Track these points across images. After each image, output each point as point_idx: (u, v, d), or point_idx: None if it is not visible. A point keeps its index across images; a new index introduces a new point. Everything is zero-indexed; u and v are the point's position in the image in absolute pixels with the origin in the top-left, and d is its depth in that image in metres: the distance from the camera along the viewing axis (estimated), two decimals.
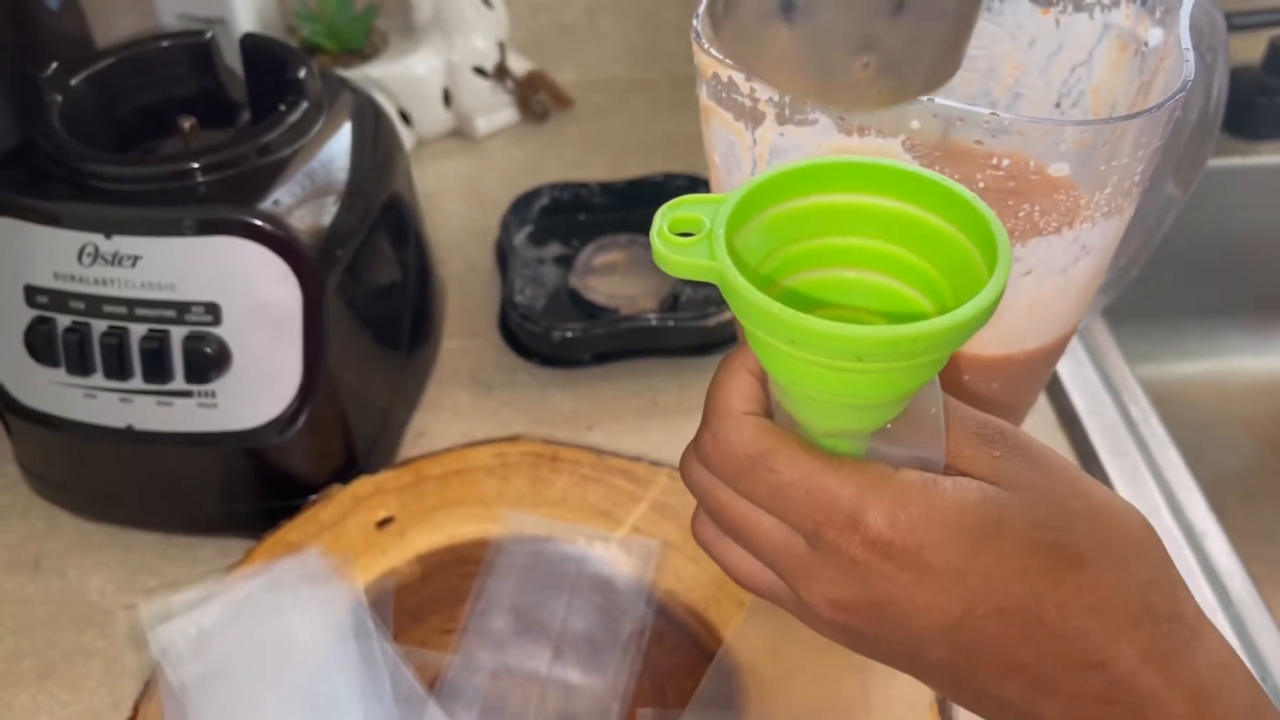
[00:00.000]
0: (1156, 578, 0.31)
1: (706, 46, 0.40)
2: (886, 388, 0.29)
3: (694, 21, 0.41)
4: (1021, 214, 0.39)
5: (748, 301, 0.27)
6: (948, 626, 0.30)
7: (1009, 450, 0.31)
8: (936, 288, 0.30)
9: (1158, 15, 0.46)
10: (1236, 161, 0.87)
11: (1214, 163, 0.57)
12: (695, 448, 0.32)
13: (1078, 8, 0.48)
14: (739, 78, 0.40)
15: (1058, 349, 0.47)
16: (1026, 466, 0.31)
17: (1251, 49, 0.90)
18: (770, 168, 0.32)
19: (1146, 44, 0.46)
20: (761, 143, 0.42)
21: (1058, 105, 0.50)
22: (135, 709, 0.50)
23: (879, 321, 0.31)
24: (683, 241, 0.29)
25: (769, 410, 0.32)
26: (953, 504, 0.30)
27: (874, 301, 0.32)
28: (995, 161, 0.38)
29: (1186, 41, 0.40)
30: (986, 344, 0.45)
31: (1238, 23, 0.80)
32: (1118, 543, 0.31)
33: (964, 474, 0.31)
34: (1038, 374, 0.50)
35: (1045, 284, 0.42)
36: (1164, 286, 0.89)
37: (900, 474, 0.30)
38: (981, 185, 0.38)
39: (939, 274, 0.30)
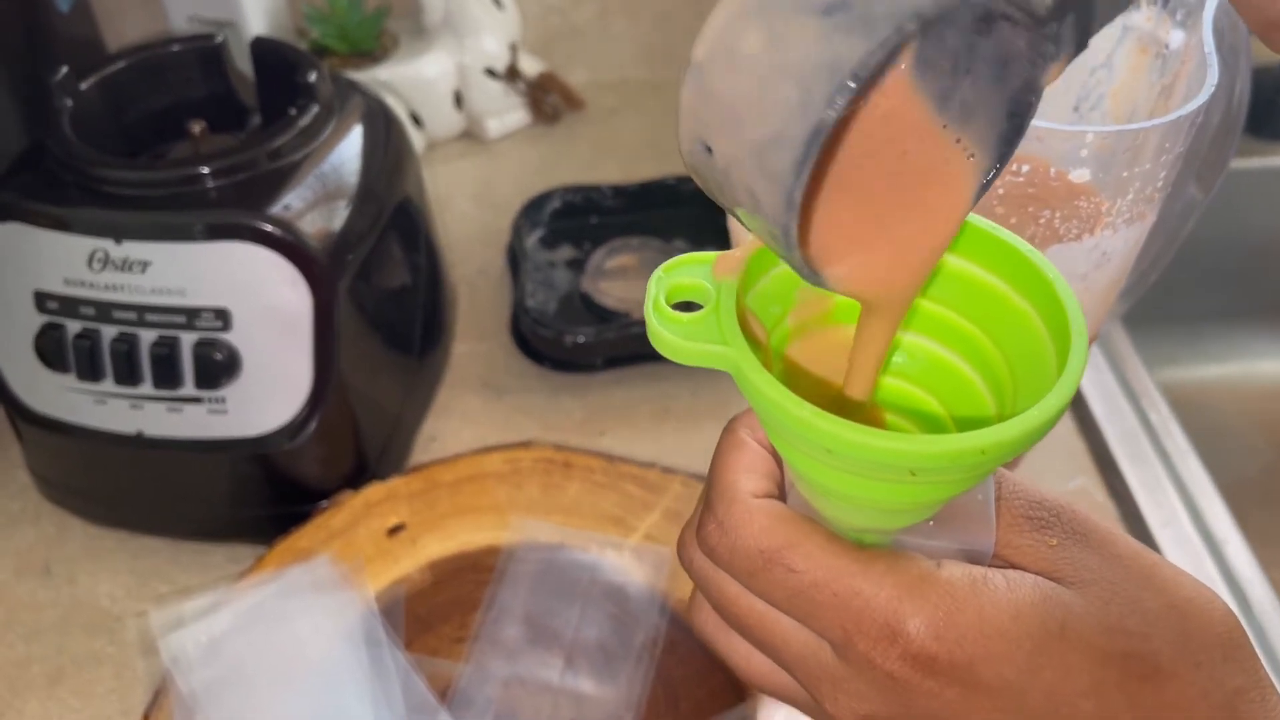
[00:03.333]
0: (1245, 685, 0.26)
1: None
2: (935, 494, 0.25)
3: None
4: (1042, 220, 0.39)
5: (769, 403, 0.23)
6: None
7: (1067, 537, 0.27)
8: (987, 360, 0.26)
9: (1179, 17, 0.45)
10: (1256, 163, 0.86)
11: (1234, 164, 0.56)
12: (698, 535, 0.28)
13: None
14: None
15: None
16: (1090, 556, 0.27)
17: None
18: None
19: (1167, 46, 0.46)
20: None
21: (1076, 109, 0.49)
22: (145, 716, 0.50)
23: (920, 396, 0.27)
24: (686, 320, 0.24)
25: (783, 489, 0.28)
26: (1008, 607, 0.25)
27: (914, 368, 0.27)
28: (1014, 167, 0.37)
29: (1210, 45, 0.39)
30: None
31: None
32: (1201, 645, 0.26)
33: (1015, 567, 0.27)
34: None
35: None
36: (1183, 289, 0.88)
37: (944, 571, 0.25)
38: (1001, 191, 0.38)
39: (994, 346, 0.26)
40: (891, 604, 0.25)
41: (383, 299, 0.61)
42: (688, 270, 0.25)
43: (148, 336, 0.54)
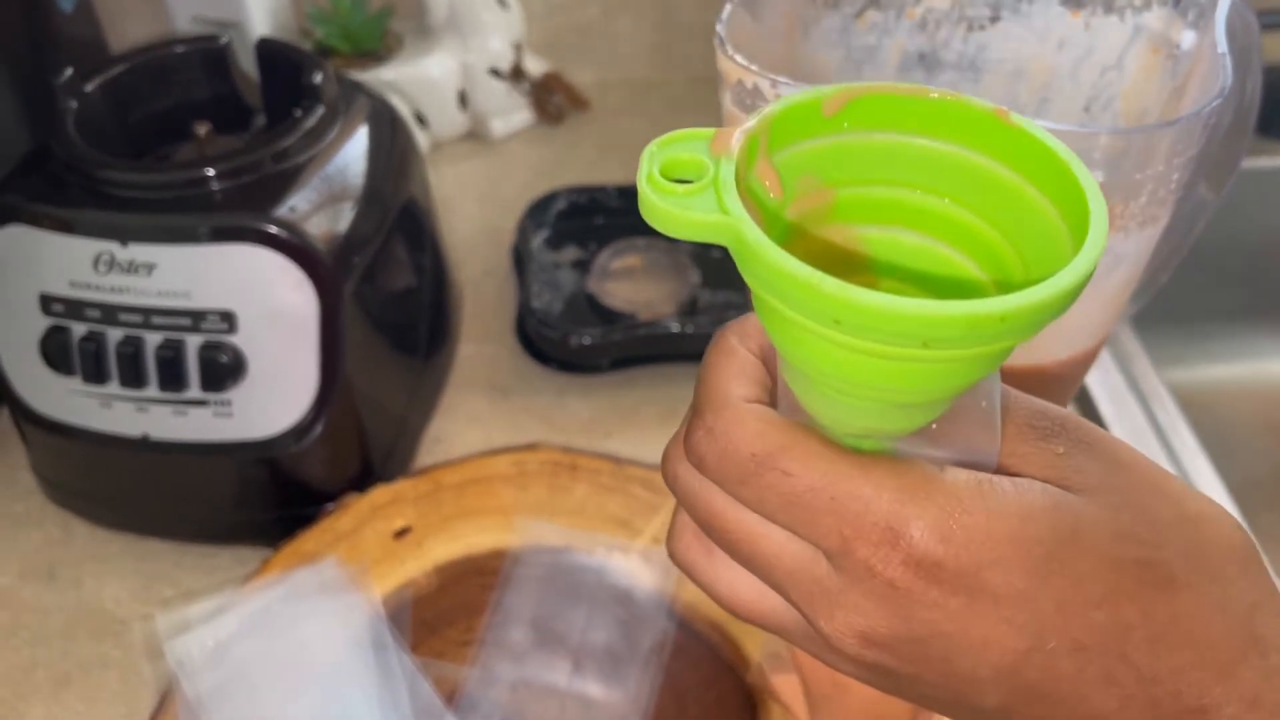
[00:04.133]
0: (1261, 600, 0.25)
1: (730, 53, 0.39)
2: (945, 381, 0.23)
3: (718, 27, 0.40)
4: None
5: (773, 269, 0.21)
6: (1008, 667, 0.24)
7: (1074, 445, 0.25)
8: (998, 257, 0.24)
9: (1190, 18, 0.45)
10: (1265, 162, 0.86)
11: (1244, 163, 0.56)
12: (686, 444, 0.26)
13: (1108, 10, 0.47)
14: (764, 85, 0.39)
15: (1088, 359, 0.46)
16: (1098, 464, 0.25)
17: None
18: (796, 92, 0.24)
19: (1179, 47, 0.45)
20: None
21: (1087, 110, 0.49)
22: None
23: (921, 295, 0.24)
24: (680, 190, 0.22)
25: (775, 399, 0.26)
26: (1017, 511, 0.24)
27: (916, 269, 0.25)
28: None
29: (1223, 46, 0.39)
30: (1016, 355, 0.44)
31: (1269, 21, 0.79)
32: (1215, 558, 0.25)
33: (1020, 475, 0.25)
34: (1068, 385, 0.49)
35: None
36: (1191, 290, 0.87)
37: (948, 475, 0.24)
38: None
39: (1006, 241, 0.24)
40: (894, 506, 0.23)
41: (388, 301, 0.61)
42: (684, 145, 0.23)
43: (153, 339, 0.53)
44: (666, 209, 0.22)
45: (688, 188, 0.22)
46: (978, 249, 0.25)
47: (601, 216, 0.80)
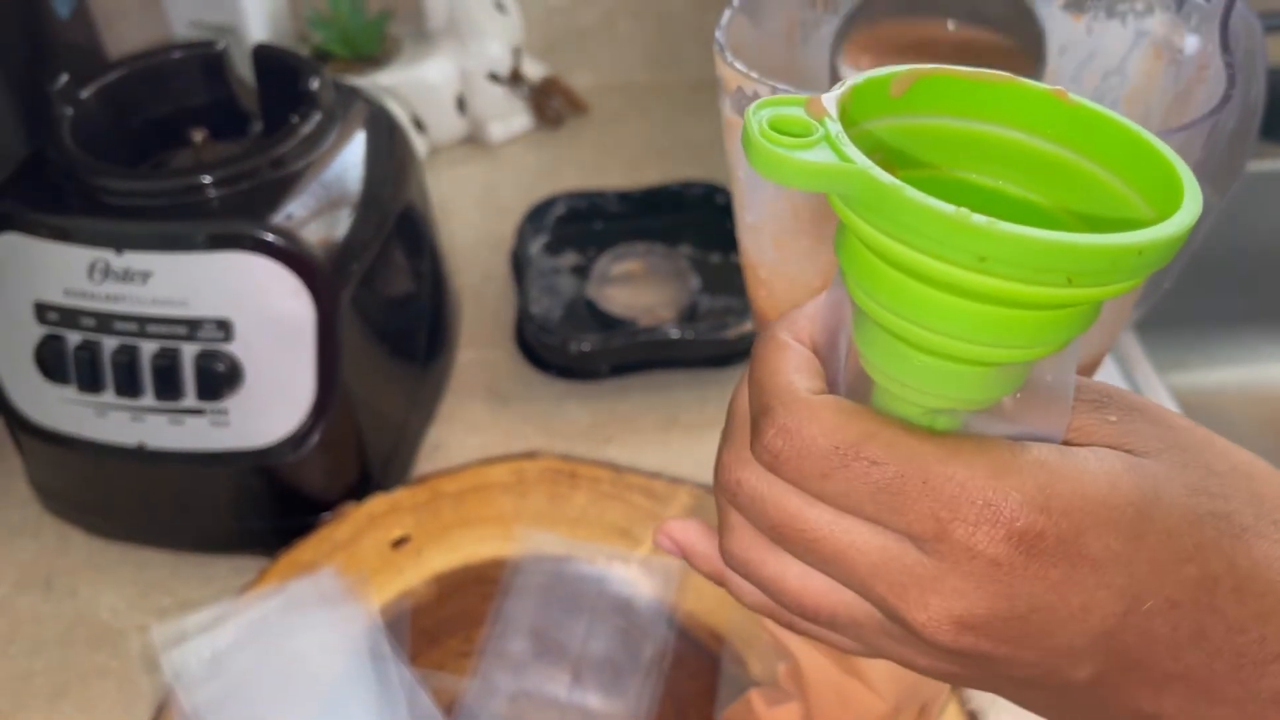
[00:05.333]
0: None
1: (730, 59, 0.39)
2: (1051, 332, 0.23)
3: (717, 34, 0.40)
4: None
5: (913, 208, 0.21)
6: (1107, 632, 0.24)
7: (1125, 413, 0.26)
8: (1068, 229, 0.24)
9: (1193, 22, 0.44)
10: (1269, 165, 0.86)
11: (1249, 167, 0.56)
12: (756, 447, 0.25)
13: (1110, 14, 0.47)
14: (764, 91, 0.39)
15: (1094, 366, 0.46)
16: (1152, 428, 0.26)
17: None
18: (870, 71, 0.25)
19: (1182, 52, 0.45)
20: None
21: None
22: None
23: None
24: (792, 142, 0.22)
25: (834, 391, 0.26)
26: (1104, 476, 0.24)
27: None
28: None
29: (1227, 51, 0.39)
30: None
31: (1272, 24, 0.78)
32: (1275, 505, 0.25)
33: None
34: None
35: None
36: (1193, 293, 0.87)
37: (1031, 449, 0.24)
38: None
39: (1074, 218, 0.25)
40: (990, 482, 0.23)
41: (386, 308, 0.61)
42: (784, 107, 0.23)
43: (149, 348, 0.53)
44: (783, 156, 0.22)
45: (800, 140, 0.23)
46: (1046, 224, 0.24)
47: (601, 221, 0.79)
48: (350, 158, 0.59)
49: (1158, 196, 0.23)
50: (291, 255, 0.52)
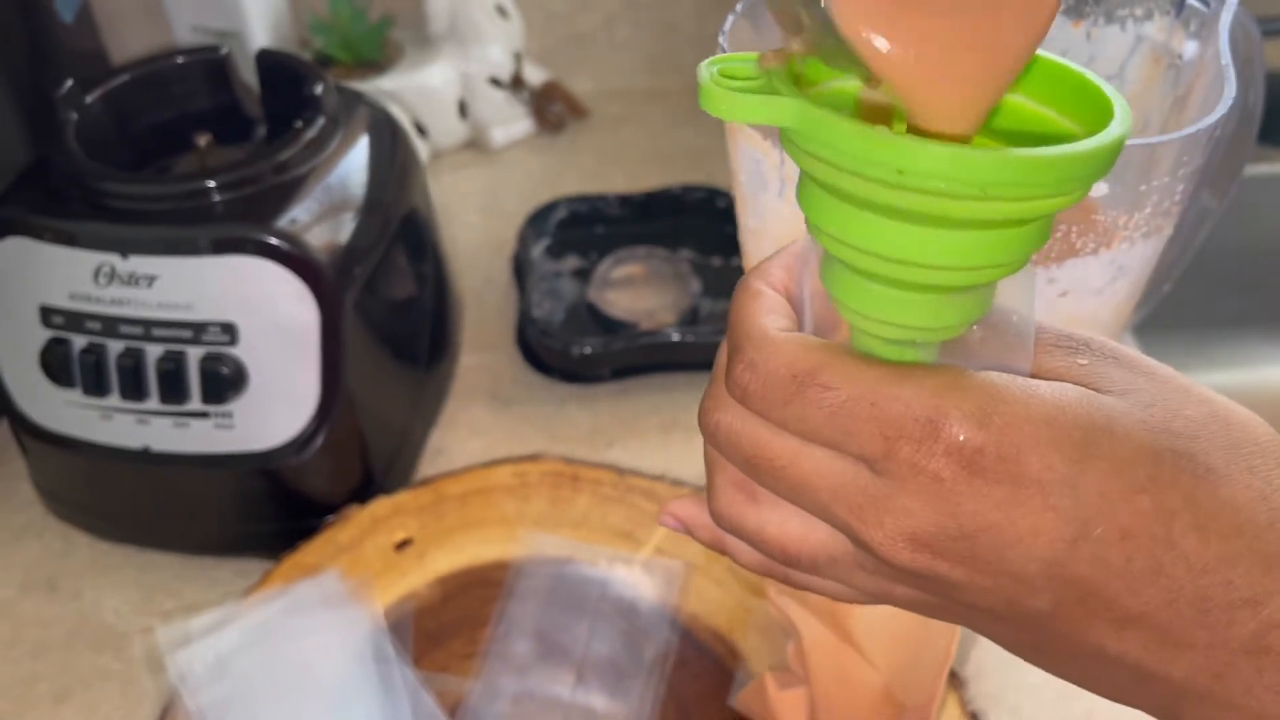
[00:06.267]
0: None
1: None
2: (994, 252, 0.24)
3: (720, 38, 0.40)
4: (1058, 234, 0.38)
5: (836, 129, 0.22)
6: (1055, 558, 0.24)
7: (1099, 358, 0.26)
8: None
9: (1192, 28, 0.45)
10: (1267, 169, 0.86)
11: (1247, 170, 0.56)
12: (728, 382, 0.27)
13: (1109, 20, 0.47)
14: None
15: None
16: (1124, 372, 0.26)
17: None
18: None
19: (1181, 57, 0.45)
20: (789, 161, 0.41)
21: None
22: None
23: None
24: (738, 84, 0.24)
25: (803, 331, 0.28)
26: (1053, 401, 0.24)
27: None
28: None
29: (1227, 57, 0.39)
30: None
31: (1270, 29, 0.79)
32: (1251, 454, 0.25)
33: None
34: None
35: (1082, 305, 0.41)
36: (1192, 296, 0.87)
37: (983, 374, 0.25)
38: None
39: None
40: (933, 400, 0.24)
41: (390, 311, 0.61)
42: (735, 61, 0.25)
43: (154, 351, 0.53)
44: (728, 96, 0.24)
45: (743, 83, 0.25)
46: None
47: (602, 225, 0.80)
48: (354, 162, 0.59)
49: (1096, 128, 0.24)
50: (296, 259, 0.53)
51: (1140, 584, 0.24)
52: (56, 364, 0.54)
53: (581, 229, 0.79)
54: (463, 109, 0.90)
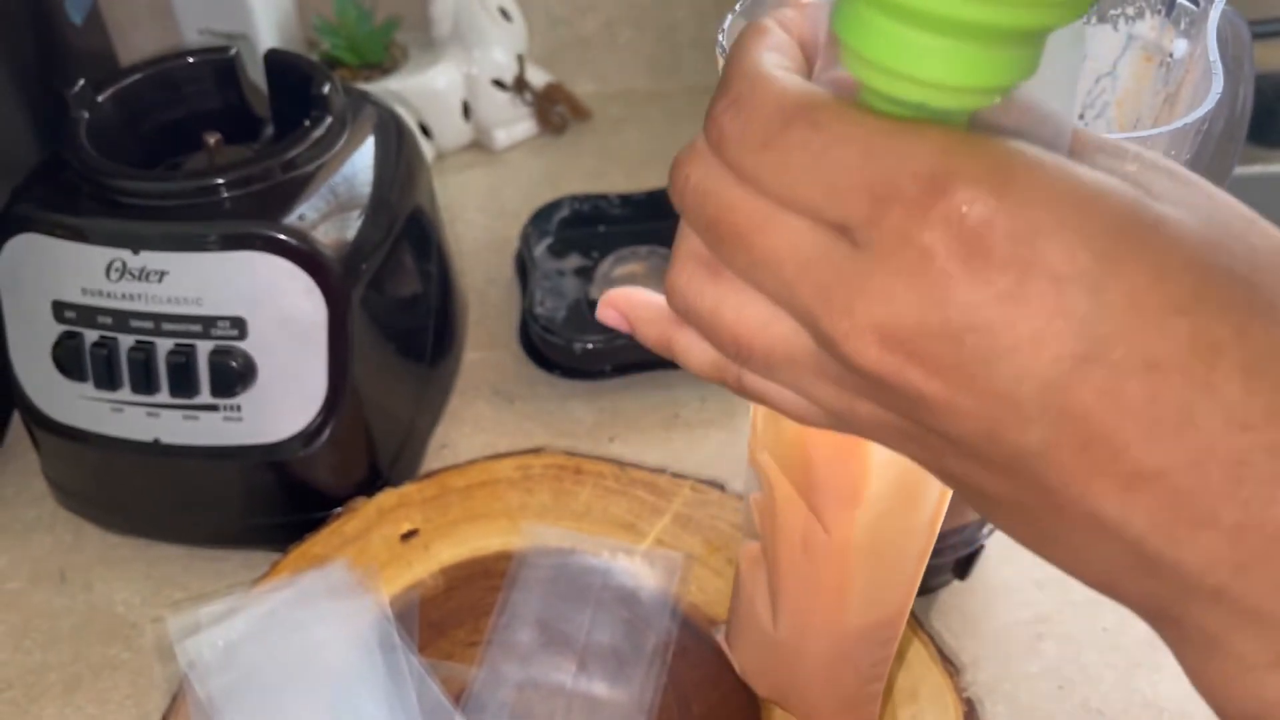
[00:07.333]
0: None
1: None
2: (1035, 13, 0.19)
3: (719, 36, 0.41)
4: None
5: None
6: (1056, 379, 0.19)
7: (1150, 167, 0.21)
8: None
9: (1182, 26, 0.46)
10: (1259, 169, 0.87)
11: (1237, 170, 0.57)
12: (706, 124, 0.22)
13: (1102, 19, 0.48)
14: None
15: None
16: (1180, 186, 0.21)
17: (1274, 57, 0.90)
18: None
19: (1171, 55, 0.46)
20: None
21: (1082, 117, 0.50)
22: None
23: None
24: None
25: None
26: (1090, 183, 0.19)
27: None
28: None
29: (1215, 54, 0.40)
30: None
31: (1260, 30, 0.80)
32: None
33: None
34: None
35: None
36: None
37: (1005, 139, 0.20)
38: None
39: None
40: (939, 156, 0.19)
41: (395, 308, 0.62)
42: None
43: (164, 345, 0.54)
44: None
45: None
46: None
47: (604, 224, 0.81)
48: (360, 161, 0.60)
49: None
50: (304, 254, 0.54)
51: (1161, 432, 0.19)
52: (68, 358, 0.55)
53: (583, 228, 0.80)
54: (466, 110, 0.92)
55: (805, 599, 0.44)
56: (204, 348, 0.54)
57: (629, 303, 0.29)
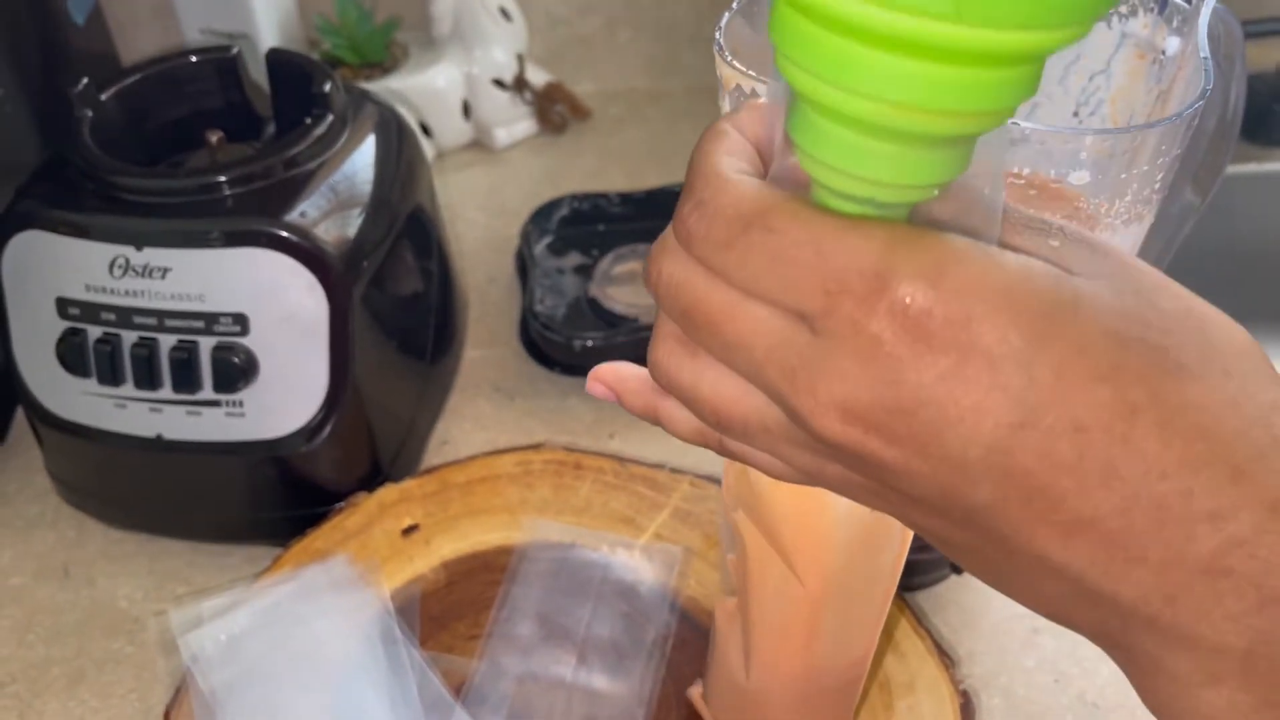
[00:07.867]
0: (1279, 400, 0.22)
1: (729, 59, 0.41)
2: (970, 99, 0.21)
3: (717, 34, 0.41)
4: None
5: None
6: (996, 444, 0.21)
7: (1071, 241, 0.24)
8: None
9: (1175, 24, 0.46)
10: (1252, 168, 0.87)
11: (1230, 169, 0.57)
12: (674, 222, 0.25)
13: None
14: (762, 89, 0.41)
15: None
16: (1096, 257, 0.23)
17: (1267, 56, 0.91)
18: None
19: (1164, 53, 0.47)
20: None
21: (1075, 114, 0.50)
22: (166, 715, 0.51)
23: None
24: None
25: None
26: (1016, 271, 0.22)
27: None
28: (1016, 170, 0.38)
29: (1205, 50, 0.40)
30: None
31: (1253, 30, 0.81)
32: (1227, 355, 0.22)
33: None
34: None
35: None
36: None
37: (938, 233, 0.22)
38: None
39: None
40: (883, 253, 0.21)
41: (396, 305, 0.63)
42: None
43: (167, 341, 0.55)
44: None
45: None
46: None
47: (603, 223, 0.81)
48: (361, 159, 0.60)
49: None
50: (306, 251, 0.54)
51: (1091, 485, 0.21)
52: (72, 354, 0.56)
53: (583, 226, 0.81)
54: (467, 109, 0.92)
55: (776, 647, 0.44)
56: (206, 344, 0.55)
57: (616, 376, 0.32)
